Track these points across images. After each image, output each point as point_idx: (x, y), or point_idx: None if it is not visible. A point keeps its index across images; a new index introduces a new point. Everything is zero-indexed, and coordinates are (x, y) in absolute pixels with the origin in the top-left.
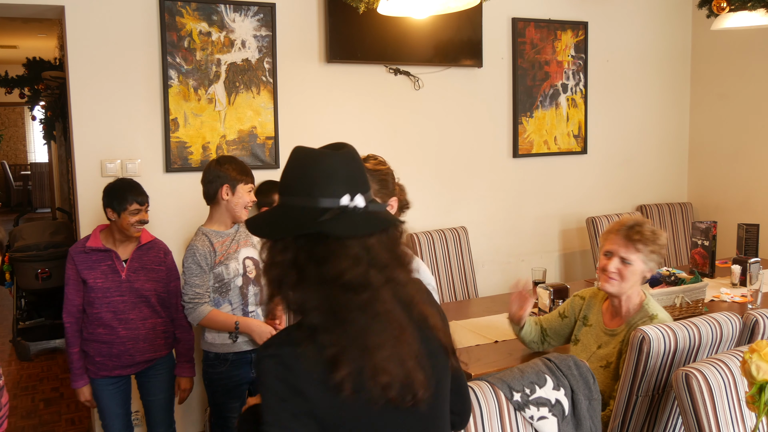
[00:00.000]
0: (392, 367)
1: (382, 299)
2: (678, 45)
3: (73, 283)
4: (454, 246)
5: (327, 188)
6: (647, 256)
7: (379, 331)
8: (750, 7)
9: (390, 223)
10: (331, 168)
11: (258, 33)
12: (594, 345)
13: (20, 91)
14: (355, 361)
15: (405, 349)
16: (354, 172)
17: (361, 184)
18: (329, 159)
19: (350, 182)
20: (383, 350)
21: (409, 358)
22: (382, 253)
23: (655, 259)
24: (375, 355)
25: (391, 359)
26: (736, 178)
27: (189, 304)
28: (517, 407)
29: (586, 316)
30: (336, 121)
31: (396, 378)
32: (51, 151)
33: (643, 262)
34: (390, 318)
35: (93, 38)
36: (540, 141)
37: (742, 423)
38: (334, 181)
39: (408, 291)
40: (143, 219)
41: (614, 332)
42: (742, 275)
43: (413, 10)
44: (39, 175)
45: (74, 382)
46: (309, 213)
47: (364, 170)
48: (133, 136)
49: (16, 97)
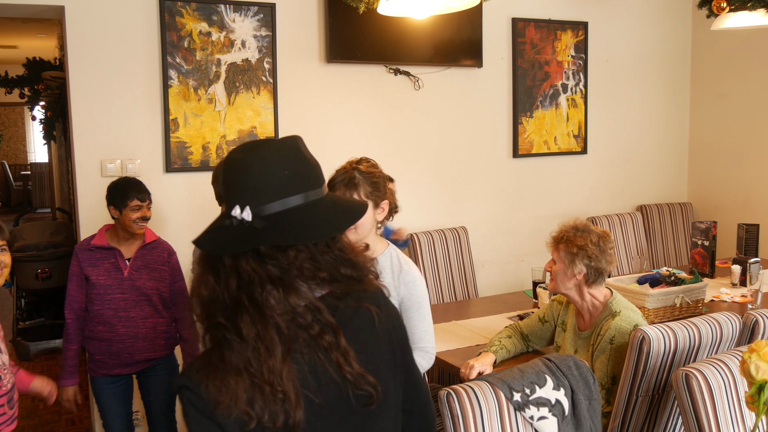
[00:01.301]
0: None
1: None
2: (678, 45)
3: (76, 279)
4: (454, 246)
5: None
6: (566, 256)
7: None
8: (750, 7)
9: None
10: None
11: (258, 33)
12: (571, 350)
13: (20, 91)
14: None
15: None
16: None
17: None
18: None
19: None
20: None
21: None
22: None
23: (579, 261)
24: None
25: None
26: (736, 178)
27: None
28: (517, 407)
29: (563, 321)
30: (336, 121)
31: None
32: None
33: (564, 262)
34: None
35: (93, 38)
36: (540, 141)
37: (742, 423)
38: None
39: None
40: (145, 215)
41: (584, 335)
42: (742, 275)
43: (413, 10)
44: (39, 175)
45: (63, 380)
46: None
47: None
48: (133, 136)
49: (16, 97)
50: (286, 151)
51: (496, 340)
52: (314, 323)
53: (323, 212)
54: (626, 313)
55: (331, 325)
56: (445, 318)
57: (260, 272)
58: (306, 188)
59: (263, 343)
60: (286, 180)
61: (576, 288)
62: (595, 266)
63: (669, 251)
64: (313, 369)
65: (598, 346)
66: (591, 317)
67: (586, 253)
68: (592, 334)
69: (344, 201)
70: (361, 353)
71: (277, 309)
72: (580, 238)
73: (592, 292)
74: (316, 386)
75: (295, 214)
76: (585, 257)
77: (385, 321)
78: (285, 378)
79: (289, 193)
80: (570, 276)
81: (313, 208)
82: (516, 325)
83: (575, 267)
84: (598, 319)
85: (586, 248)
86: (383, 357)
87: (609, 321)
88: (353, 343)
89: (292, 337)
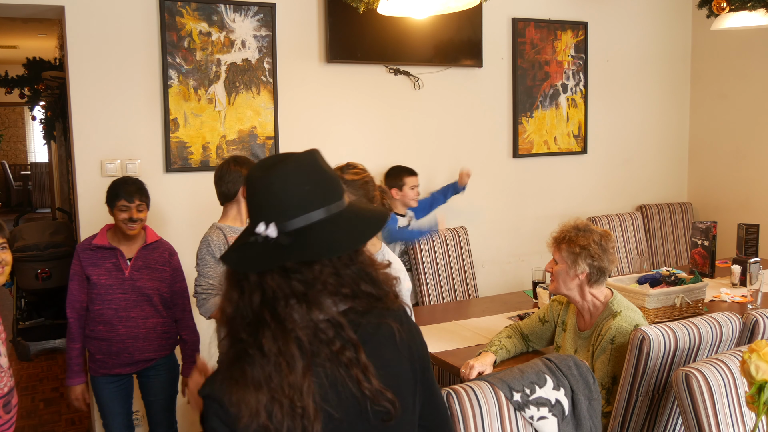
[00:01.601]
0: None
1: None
2: (678, 45)
3: (77, 278)
4: (454, 246)
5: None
6: (568, 256)
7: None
8: (750, 7)
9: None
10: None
11: (258, 33)
12: (571, 349)
13: (20, 91)
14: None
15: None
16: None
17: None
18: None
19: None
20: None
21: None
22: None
23: (582, 260)
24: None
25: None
26: (736, 178)
27: (201, 295)
28: (517, 407)
29: (564, 321)
30: (336, 121)
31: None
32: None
33: (566, 261)
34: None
35: (93, 38)
36: (540, 141)
37: (742, 423)
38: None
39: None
40: (132, 217)
41: (584, 335)
42: (742, 275)
43: (413, 10)
44: (39, 175)
45: (70, 379)
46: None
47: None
48: (133, 136)
49: (16, 97)
50: (305, 166)
51: (496, 340)
52: (336, 339)
53: (345, 224)
54: (627, 312)
55: (352, 341)
56: (445, 318)
57: (284, 287)
58: (327, 202)
59: (284, 358)
60: (308, 195)
61: (578, 288)
62: (598, 266)
63: (669, 251)
64: (334, 383)
65: (598, 346)
66: (591, 317)
67: (588, 252)
68: (593, 334)
69: (365, 211)
70: (381, 369)
71: (299, 324)
72: (582, 238)
73: (593, 292)
74: (335, 401)
75: (318, 228)
76: (588, 257)
77: (406, 337)
78: (305, 393)
79: (312, 208)
80: (573, 276)
81: (335, 221)
82: (516, 325)
83: (578, 267)
84: (598, 319)
85: (588, 248)
86: (403, 373)
87: (610, 321)
88: (374, 359)
89: (313, 352)
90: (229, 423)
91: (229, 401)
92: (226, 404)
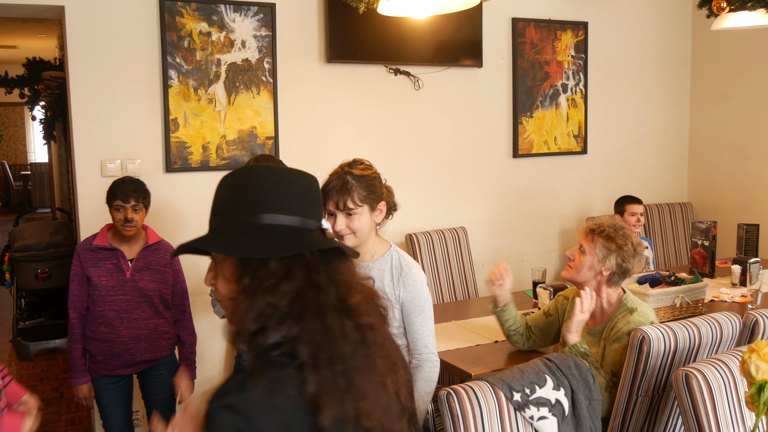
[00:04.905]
0: (377, 413)
1: (378, 331)
2: (678, 45)
3: (78, 279)
4: (453, 246)
5: (315, 210)
6: (601, 250)
7: (368, 370)
8: (750, 7)
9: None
10: (312, 188)
11: (258, 33)
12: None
13: (20, 91)
14: (338, 404)
15: (386, 397)
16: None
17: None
18: (306, 180)
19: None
20: (370, 395)
21: (390, 406)
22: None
23: (613, 258)
24: (362, 399)
25: (376, 405)
26: (736, 178)
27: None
28: (517, 407)
29: (570, 316)
30: (336, 121)
31: (376, 428)
32: (51, 151)
33: (596, 254)
34: (383, 354)
35: (93, 38)
36: (540, 141)
37: (742, 423)
38: (315, 202)
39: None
40: (127, 217)
41: (595, 331)
42: (742, 275)
43: (413, 10)
44: (39, 175)
45: (75, 379)
46: (303, 233)
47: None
48: (133, 136)
49: (16, 97)
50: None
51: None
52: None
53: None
54: (642, 309)
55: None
56: (445, 318)
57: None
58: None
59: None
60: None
61: (595, 282)
62: (625, 266)
63: (669, 251)
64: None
65: (613, 337)
66: (603, 314)
67: (622, 252)
68: (605, 328)
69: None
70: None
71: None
72: (620, 238)
73: (609, 290)
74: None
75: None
76: (620, 256)
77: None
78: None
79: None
80: (598, 270)
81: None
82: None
83: (607, 262)
84: (612, 315)
85: (623, 248)
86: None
87: (627, 316)
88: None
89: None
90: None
91: (250, 411)
92: (247, 414)
